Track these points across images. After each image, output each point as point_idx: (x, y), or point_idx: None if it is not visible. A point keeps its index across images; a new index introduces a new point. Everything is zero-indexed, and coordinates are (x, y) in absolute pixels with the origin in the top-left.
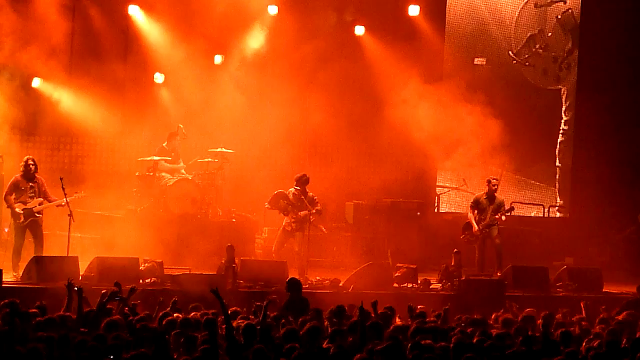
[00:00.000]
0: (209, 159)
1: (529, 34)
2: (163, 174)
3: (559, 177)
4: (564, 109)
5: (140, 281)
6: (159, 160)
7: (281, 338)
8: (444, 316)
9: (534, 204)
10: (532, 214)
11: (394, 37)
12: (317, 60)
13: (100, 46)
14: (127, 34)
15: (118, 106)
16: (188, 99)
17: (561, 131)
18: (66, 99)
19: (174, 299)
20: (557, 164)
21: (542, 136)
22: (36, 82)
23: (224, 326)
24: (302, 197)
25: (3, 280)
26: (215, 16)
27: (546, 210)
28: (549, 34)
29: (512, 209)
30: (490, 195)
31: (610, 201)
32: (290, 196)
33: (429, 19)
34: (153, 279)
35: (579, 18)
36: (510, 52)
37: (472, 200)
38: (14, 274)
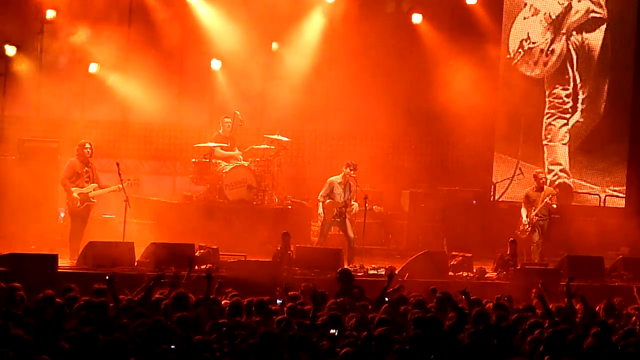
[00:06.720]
0: (265, 145)
1: (520, 39)
2: (219, 160)
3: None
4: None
5: (196, 267)
6: (215, 146)
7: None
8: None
9: (590, 194)
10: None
11: (451, 26)
12: (373, 48)
13: (157, 32)
14: (184, 21)
15: (175, 92)
16: (245, 85)
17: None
18: (123, 85)
19: (218, 282)
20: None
21: None
22: (93, 68)
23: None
24: (341, 186)
25: (59, 265)
26: (272, 3)
27: (602, 199)
28: (536, 33)
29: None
30: (540, 188)
31: None
32: (335, 185)
33: (487, 8)
34: (208, 265)
35: None
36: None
37: (524, 196)
38: (73, 260)
